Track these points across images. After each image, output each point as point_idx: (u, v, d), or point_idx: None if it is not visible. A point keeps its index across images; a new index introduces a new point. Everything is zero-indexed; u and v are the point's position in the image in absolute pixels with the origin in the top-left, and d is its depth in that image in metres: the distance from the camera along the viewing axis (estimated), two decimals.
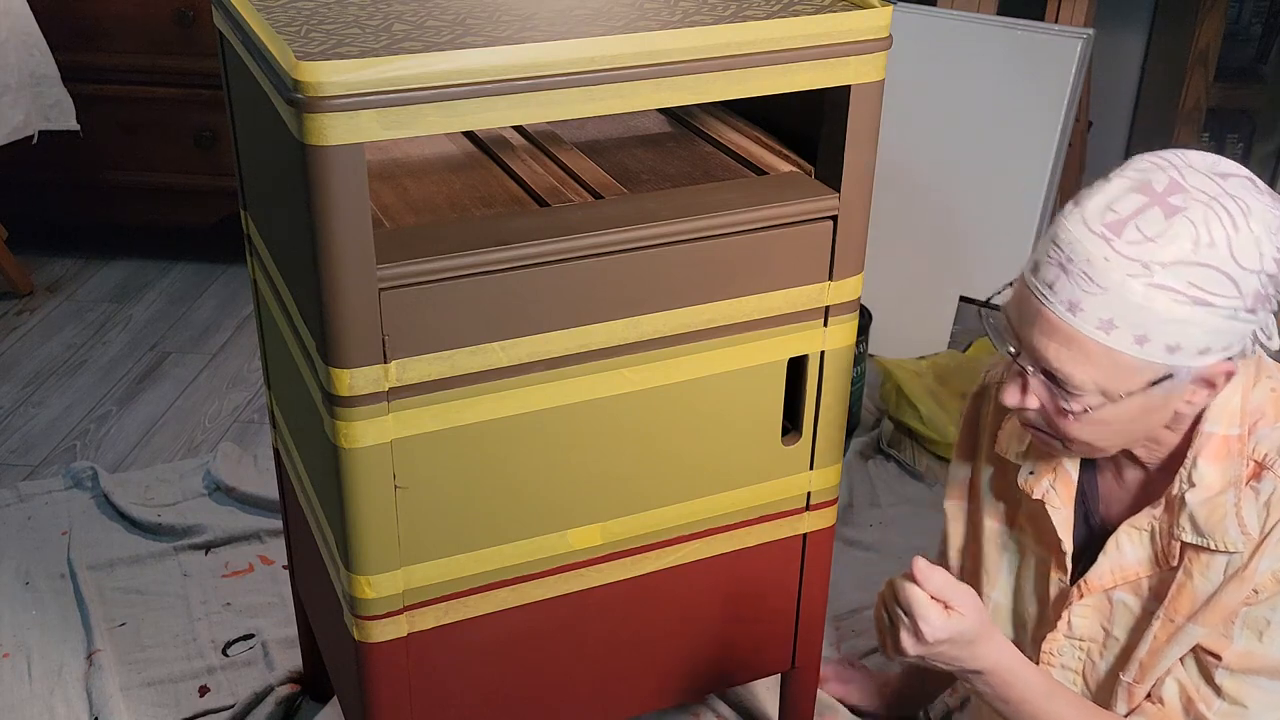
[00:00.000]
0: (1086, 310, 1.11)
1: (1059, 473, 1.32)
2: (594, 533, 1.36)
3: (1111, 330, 1.10)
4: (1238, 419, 1.20)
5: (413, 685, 1.35)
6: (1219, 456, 1.20)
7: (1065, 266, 1.12)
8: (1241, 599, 1.19)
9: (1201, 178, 1.12)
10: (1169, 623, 1.24)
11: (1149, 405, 1.16)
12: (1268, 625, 1.18)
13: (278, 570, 2.11)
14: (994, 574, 1.42)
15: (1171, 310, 1.09)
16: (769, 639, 1.54)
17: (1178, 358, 1.12)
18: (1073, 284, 1.11)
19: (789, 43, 1.20)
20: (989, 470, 1.42)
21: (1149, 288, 1.09)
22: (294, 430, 1.50)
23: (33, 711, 1.84)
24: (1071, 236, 1.12)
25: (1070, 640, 1.34)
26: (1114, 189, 1.13)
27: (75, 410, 2.58)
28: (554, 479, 1.31)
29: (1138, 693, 1.27)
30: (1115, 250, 1.09)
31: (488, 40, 1.13)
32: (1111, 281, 1.09)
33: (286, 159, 1.14)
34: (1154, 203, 1.10)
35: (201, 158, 2.96)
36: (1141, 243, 1.09)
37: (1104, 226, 1.10)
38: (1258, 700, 1.20)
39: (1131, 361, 1.11)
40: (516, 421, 1.26)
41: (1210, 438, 1.20)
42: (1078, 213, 1.13)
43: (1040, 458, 1.33)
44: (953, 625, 1.17)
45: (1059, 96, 2.52)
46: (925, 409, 2.40)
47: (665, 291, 1.27)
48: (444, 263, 1.17)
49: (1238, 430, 1.20)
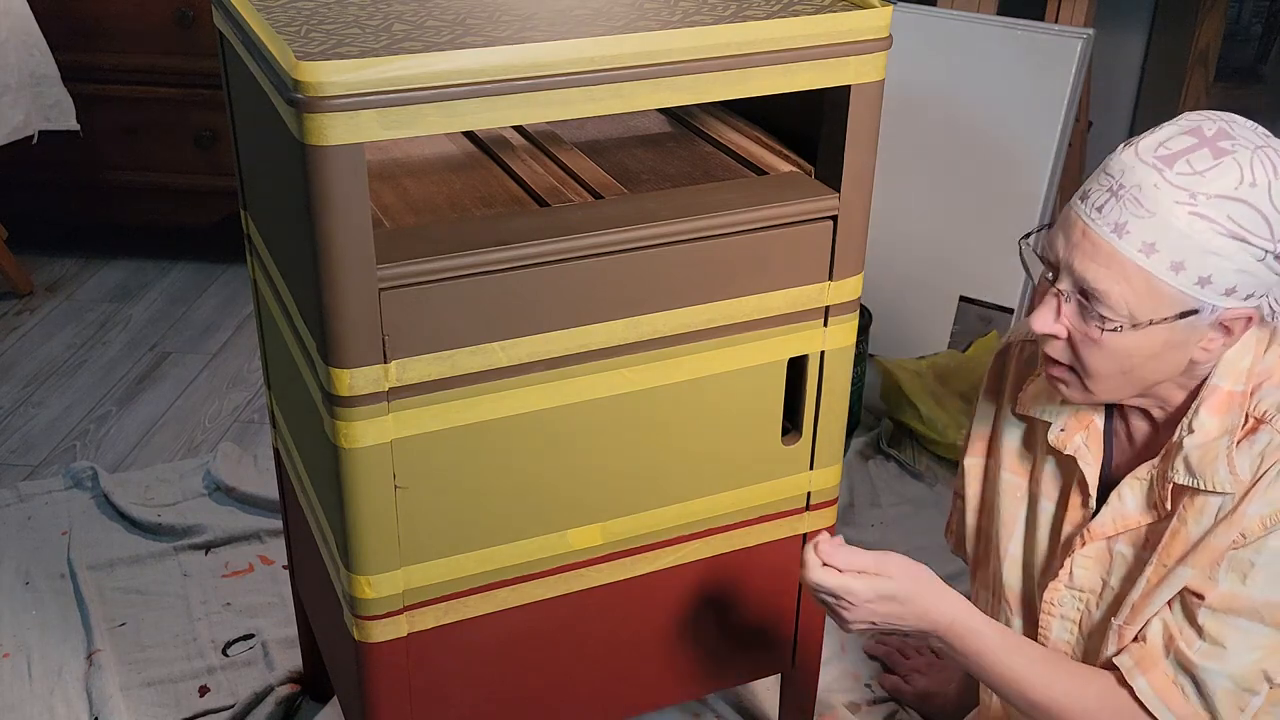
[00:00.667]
0: (1132, 233, 1.17)
1: (1090, 429, 1.36)
2: (594, 533, 1.36)
3: (1152, 254, 1.17)
4: (1244, 378, 1.25)
5: (413, 685, 1.35)
6: (1220, 409, 1.25)
7: (1116, 191, 1.19)
8: (1229, 542, 1.23)
9: (1248, 130, 1.20)
10: (1161, 567, 1.28)
11: (1171, 340, 1.21)
12: (1251, 568, 1.22)
13: (278, 570, 2.11)
14: (1010, 527, 1.45)
15: (1209, 240, 1.15)
16: (769, 639, 1.54)
17: (1206, 293, 1.17)
18: (1121, 207, 1.18)
19: (789, 43, 1.20)
20: (1009, 426, 1.45)
21: (1192, 215, 1.15)
22: (294, 430, 1.50)
23: (33, 711, 1.84)
24: (1124, 165, 1.19)
25: (1071, 590, 1.38)
26: (1166, 132, 1.20)
27: (75, 410, 2.58)
28: (554, 479, 1.31)
29: (1126, 634, 1.31)
30: (1165, 178, 1.16)
31: (488, 40, 1.13)
32: (1159, 206, 1.16)
33: (286, 159, 1.14)
34: (1204, 144, 1.18)
35: (201, 158, 2.96)
36: (1190, 174, 1.16)
37: (1155, 158, 1.18)
38: (1236, 641, 1.24)
39: (1165, 288, 1.17)
40: (516, 421, 1.27)
41: (1215, 390, 1.26)
42: (1130, 149, 1.21)
43: (1070, 414, 1.37)
44: (878, 586, 1.26)
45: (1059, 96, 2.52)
46: (925, 409, 2.40)
47: (665, 291, 1.27)
48: (444, 263, 1.17)
49: (1242, 387, 1.25)
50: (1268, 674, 1.24)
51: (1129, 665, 1.28)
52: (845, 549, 1.28)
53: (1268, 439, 1.22)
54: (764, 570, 1.48)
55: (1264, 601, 1.22)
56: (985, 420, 1.49)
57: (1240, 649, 1.23)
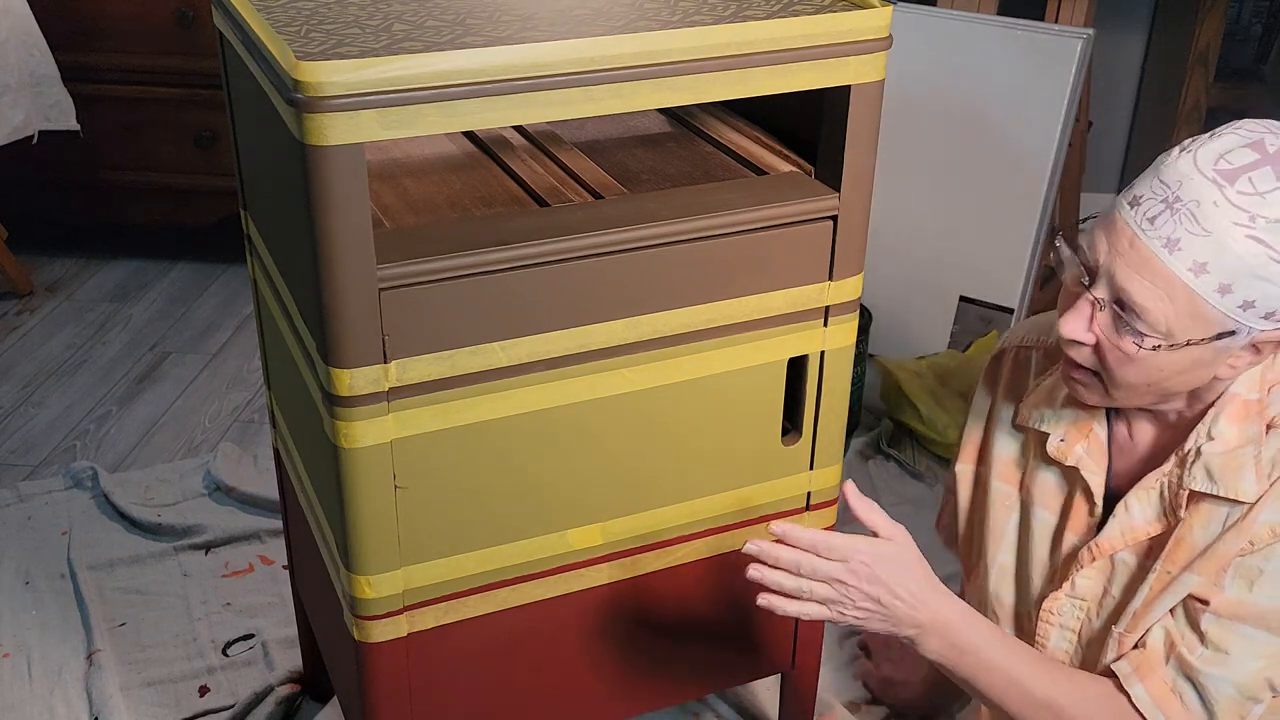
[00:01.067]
0: (1184, 250, 1.13)
1: (1091, 438, 1.34)
2: (594, 533, 1.36)
3: (1202, 274, 1.13)
4: (1257, 385, 1.24)
5: (413, 685, 1.35)
6: (1239, 417, 1.23)
7: (1171, 204, 1.14)
8: (1237, 549, 1.21)
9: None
10: (1165, 574, 1.26)
11: (1201, 359, 1.18)
12: (1259, 574, 1.20)
13: (278, 570, 2.11)
14: (999, 537, 1.43)
15: (1263, 266, 1.12)
16: (769, 639, 1.54)
17: (1247, 316, 1.14)
18: (1176, 221, 1.13)
19: (789, 43, 1.20)
20: (1002, 434, 1.43)
21: (1249, 239, 1.11)
22: (294, 430, 1.50)
23: (33, 711, 1.84)
24: (1181, 175, 1.14)
25: (1072, 599, 1.36)
26: (1226, 143, 1.15)
27: (75, 410, 2.58)
28: (554, 479, 1.31)
29: (1127, 642, 1.29)
30: (1226, 197, 1.12)
31: (488, 40, 1.13)
32: (1216, 226, 1.12)
33: (286, 159, 1.14)
34: (1266, 161, 1.13)
35: (201, 158, 2.96)
36: (1252, 195, 1.12)
37: (1216, 173, 1.13)
38: (1240, 648, 1.21)
39: (1208, 310, 1.14)
40: (516, 421, 1.27)
41: (1232, 398, 1.24)
42: (1188, 156, 1.15)
43: (1069, 424, 1.35)
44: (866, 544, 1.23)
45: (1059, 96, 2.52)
46: (925, 409, 2.40)
47: (665, 291, 1.27)
48: (444, 263, 1.17)
49: (1257, 395, 1.23)
50: (1271, 682, 1.22)
51: (1127, 672, 1.26)
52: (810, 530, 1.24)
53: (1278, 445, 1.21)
54: None
55: (1271, 609, 1.20)
56: (977, 426, 1.48)
57: (1244, 656, 1.21)
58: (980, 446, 1.48)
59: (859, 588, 1.23)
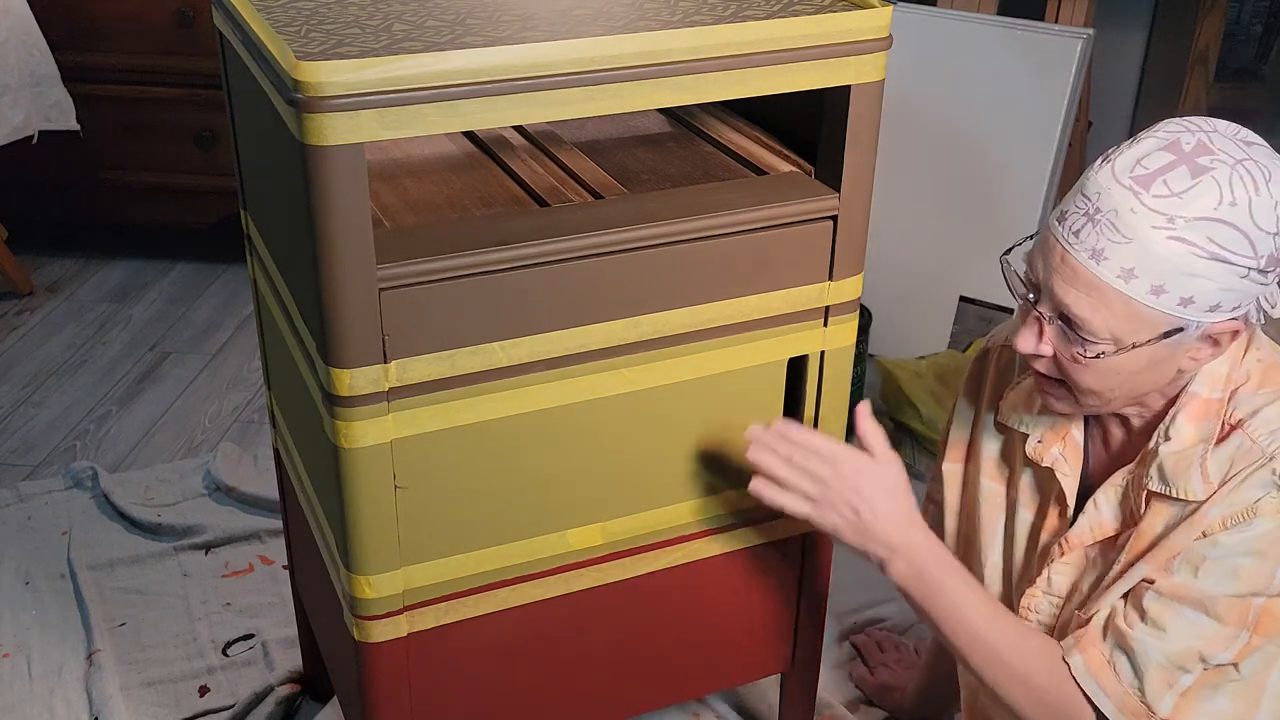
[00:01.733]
0: (1110, 259, 1.15)
1: (1067, 441, 1.35)
2: (594, 533, 1.36)
3: (1131, 279, 1.15)
4: (1221, 384, 1.25)
5: (413, 685, 1.35)
6: (1197, 416, 1.25)
7: (1092, 216, 1.16)
8: (1189, 541, 1.22)
9: (1228, 142, 1.16)
10: (1124, 565, 1.28)
11: (1156, 357, 1.20)
12: (1204, 560, 1.21)
13: (278, 570, 2.11)
14: (990, 536, 1.45)
15: (1190, 263, 1.13)
16: (769, 639, 1.54)
17: (1189, 312, 1.16)
18: (1098, 233, 1.16)
19: (789, 43, 1.20)
20: (989, 433, 1.44)
21: (1170, 240, 1.13)
22: (294, 430, 1.50)
23: (33, 711, 1.84)
24: (1100, 187, 1.17)
25: (1047, 596, 1.37)
26: (1143, 147, 1.17)
27: (75, 410, 2.58)
28: (554, 479, 1.31)
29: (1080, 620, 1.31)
30: (1142, 202, 1.14)
31: (488, 40, 1.13)
32: (1136, 232, 1.14)
33: (286, 159, 1.14)
34: (1181, 161, 1.15)
35: (201, 158, 2.96)
36: (1168, 197, 1.14)
37: (1132, 179, 1.15)
38: (1178, 627, 1.22)
39: (1146, 312, 1.16)
40: (516, 421, 1.27)
41: (1193, 398, 1.25)
42: (1107, 167, 1.18)
43: (1047, 427, 1.36)
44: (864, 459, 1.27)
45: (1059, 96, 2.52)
46: (925, 409, 2.40)
47: (665, 291, 1.27)
48: (444, 263, 1.17)
49: (1220, 394, 1.24)
50: (1203, 656, 1.22)
51: (1069, 643, 1.28)
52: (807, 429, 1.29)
53: (1238, 443, 1.22)
54: (764, 570, 1.48)
55: (1211, 594, 1.20)
56: (963, 425, 1.49)
57: (1180, 635, 1.22)
58: (968, 446, 1.48)
59: (841, 493, 1.27)
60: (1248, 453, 1.21)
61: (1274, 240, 1.15)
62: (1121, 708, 1.24)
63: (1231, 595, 1.20)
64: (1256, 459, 1.20)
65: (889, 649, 1.94)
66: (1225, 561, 1.20)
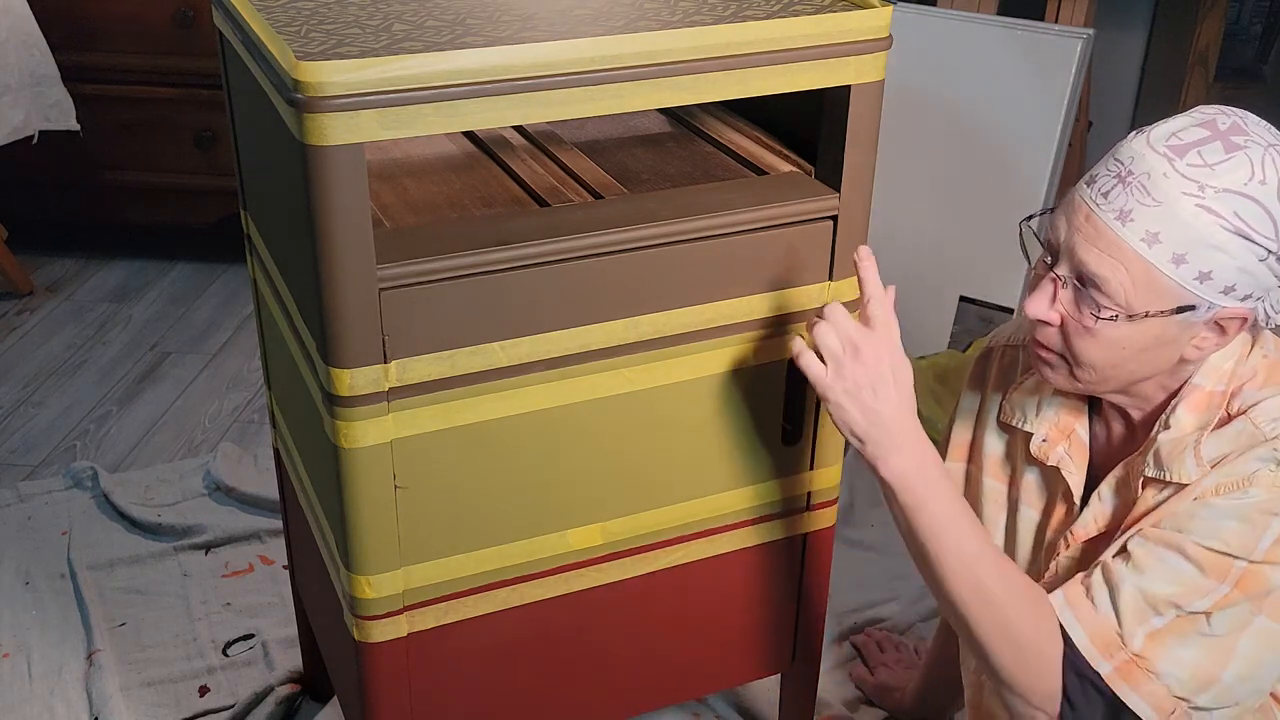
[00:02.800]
0: (1136, 221, 1.16)
1: (1072, 439, 1.35)
2: (594, 533, 1.36)
3: (1155, 244, 1.16)
4: (1226, 379, 1.25)
5: (413, 685, 1.35)
6: (1198, 407, 1.25)
7: (1124, 178, 1.18)
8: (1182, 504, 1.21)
9: (1262, 129, 1.19)
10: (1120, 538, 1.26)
11: (1164, 336, 1.20)
12: (1191, 518, 1.20)
13: (278, 570, 2.11)
14: (992, 533, 1.44)
15: (1213, 235, 1.14)
16: (769, 639, 1.54)
17: (1205, 289, 1.17)
18: (1128, 194, 1.17)
19: (789, 43, 1.20)
20: (991, 432, 1.44)
21: (1198, 208, 1.14)
22: (294, 430, 1.50)
23: (33, 711, 1.84)
24: (1134, 152, 1.18)
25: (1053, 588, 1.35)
26: (1180, 122, 1.19)
27: (75, 410, 2.58)
28: (554, 479, 1.31)
29: None
30: (1175, 168, 1.15)
31: (488, 40, 1.13)
32: (1166, 196, 1.15)
33: (286, 159, 1.14)
34: (1217, 137, 1.17)
35: (201, 158, 2.96)
36: (1201, 166, 1.15)
37: (1167, 148, 1.17)
38: (1157, 570, 1.20)
39: (1164, 280, 1.17)
40: (516, 421, 1.27)
41: (1195, 389, 1.25)
42: (1141, 137, 1.19)
43: (1051, 425, 1.36)
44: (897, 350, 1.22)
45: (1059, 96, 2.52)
46: (925, 409, 2.40)
47: (665, 291, 1.27)
48: (444, 263, 1.17)
49: (1223, 388, 1.25)
50: (1176, 604, 1.20)
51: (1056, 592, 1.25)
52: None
53: (1240, 428, 1.22)
54: (764, 570, 1.48)
55: (1194, 545, 1.19)
56: (966, 424, 1.48)
57: (1159, 578, 1.20)
58: (970, 445, 1.48)
59: (862, 363, 1.21)
60: (1250, 436, 1.21)
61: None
62: (1094, 638, 1.21)
63: (1214, 551, 1.19)
64: (1257, 441, 1.20)
65: (889, 649, 1.94)
66: (1212, 521, 1.19)
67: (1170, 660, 1.20)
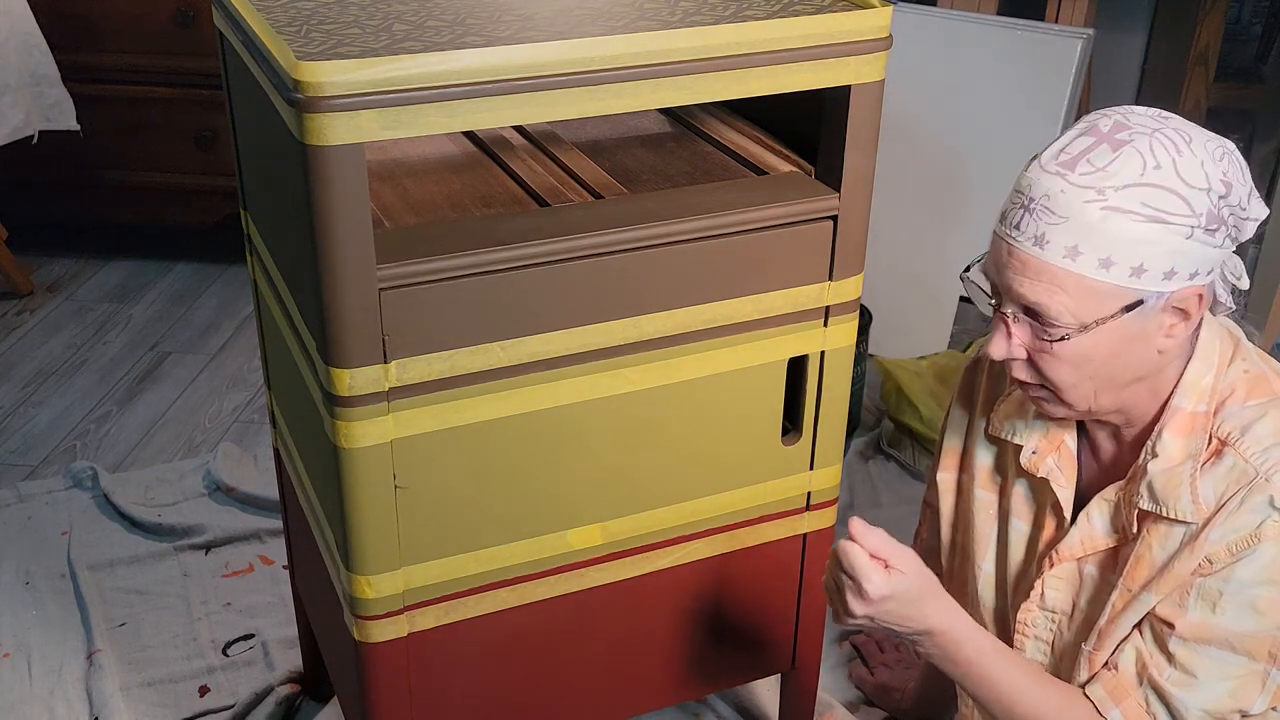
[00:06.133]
0: (1052, 241, 1.17)
1: (1061, 451, 1.35)
2: (594, 533, 1.36)
3: (1077, 257, 1.16)
4: (1207, 396, 1.25)
5: (413, 685, 1.35)
6: (1183, 431, 1.25)
7: (1028, 206, 1.19)
8: (1193, 568, 1.22)
9: (1144, 118, 1.20)
10: (1126, 592, 1.27)
11: (1127, 334, 1.20)
12: (1220, 597, 1.21)
13: (278, 570, 2.11)
14: (984, 545, 1.44)
15: (1129, 230, 1.15)
16: (769, 639, 1.54)
17: (1144, 281, 1.17)
18: (1035, 220, 1.18)
19: (789, 43, 1.20)
20: (981, 442, 1.44)
21: (1105, 210, 1.15)
22: (294, 430, 1.50)
23: (33, 711, 1.84)
24: (1030, 180, 1.20)
25: (1044, 611, 1.37)
26: (1065, 138, 1.21)
27: (75, 410, 2.58)
28: (554, 479, 1.31)
29: (1096, 660, 1.31)
30: (1070, 182, 1.17)
31: (488, 40, 1.13)
32: (1070, 209, 1.16)
33: (286, 159, 1.14)
34: (1101, 140, 1.18)
35: (201, 158, 2.96)
36: (1093, 173, 1.16)
37: (1058, 165, 1.18)
38: (1207, 670, 1.23)
39: (1100, 286, 1.17)
40: (517, 421, 1.27)
41: (1178, 412, 1.25)
42: (1034, 163, 1.21)
43: (1040, 437, 1.36)
44: (894, 583, 1.22)
45: (1059, 96, 2.52)
46: (925, 409, 2.40)
47: (665, 291, 1.27)
48: (444, 263, 1.17)
49: (1205, 407, 1.25)
50: (1239, 706, 1.24)
51: (1102, 697, 1.28)
52: (878, 533, 1.24)
53: (1231, 463, 1.21)
54: (764, 570, 1.48)
55: (1234, 631, 1.22)
56: (957, 434, 1.48)
57: (1212, 678, 1.23)
58: (961, 455, 1.48)
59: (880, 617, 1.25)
60: (1241, 473, 1.21)
61: (1209, 197, 1.16)
62: None
63: (1256, 631, 1.21)
64: (1251, 479, 1.20)
65: (889, 649, 1.94)
66: (1242, 595, 1.20)
67: None
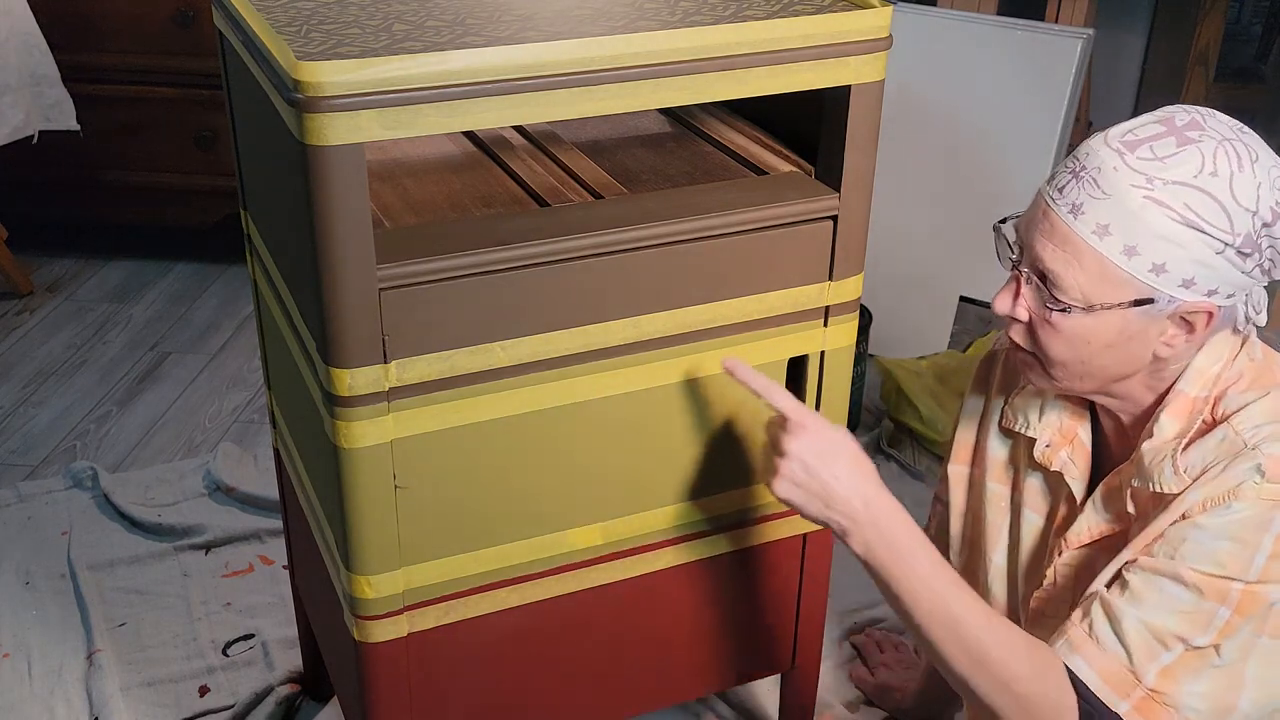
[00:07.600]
0: (1087, 214, 1.18)
1: (1075, 444, 1.35)
2: (594, 533, 1.36)
3: (1105, 236, 1.17)
4: (1211, 383, 1.25)
5: (413, 685, 1.35)
6: (1182, 413, 1.25)
7: (1078, 174, 1.20)
8: (1169, 523, 1.20)
9: (1222, 124, 1.19)
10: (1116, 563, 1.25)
11: (1127, 330, 1.20)
12: (1183, 543, 1.19)
13: (278, 570, 2.11)
14: (995, 537, 1.44)
15: (1163, 226, 1.15)
16: (769, 639, 1.54)
17: (1161, 281, 1.17)
18: (1080, 188, 1.19)
19: (789, 43, 1.20)
20: (995, 435, 1.44)
21: (1147, 200, 1.15)
22: (294, 430, 1.50)
23: (33, 711, 1.84)
24: (1090, 149, 1.20)
25: (1055, 600, 1.36)
26: (1138, 120, 1.21)
27: (75, 410, 2.58)
28: (554, 479, 1.31)
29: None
30: (1125, 162, 1.17)
31: (488, 40, 1.13)
32: (1115, 189, 1.16)
33: (286, 159, 1.14)
34: (1171, 133, 1.18)
35: (201, 158, 2.96)
36: (1151, 160, 1.16)
37: (1121, 143, 1.19)
38: (1156, 600, 1.19)
39: (1117, 272, 1.17)
40: (517, 421, 1.27)
41: (1179, 395, 1.25)
42: (1100, 135, 1.21)
43: (1054, 430, 1.36)
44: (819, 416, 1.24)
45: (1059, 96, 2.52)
46: (925, 409, 2.40)
47: (665, 291, 1.27)
48: (444, 263, 1.17)
49: (1206, 393, 1.25)
50: (1182, 637, 1.19)
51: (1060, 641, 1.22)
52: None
53: (1222, 436, 1.21)
54: (764, 570, 1.48)
55: (1189, 570, 1.18)
56: (970, 427, 1.49)
57: (1158, 607, 1.19)
58: (974, 448, 1.48)
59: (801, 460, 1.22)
60: (1231, 444, 1.20)
61: (1253, 220, 1.15)
62: (1106, 677, 1.19)
63: (1210, 575, 1.18)
64: (1239, 449, 1.19)
65: (889, 649, 1.94)
66: (1204, 543, 1.18)
67: (1187, 694, 1.19)
